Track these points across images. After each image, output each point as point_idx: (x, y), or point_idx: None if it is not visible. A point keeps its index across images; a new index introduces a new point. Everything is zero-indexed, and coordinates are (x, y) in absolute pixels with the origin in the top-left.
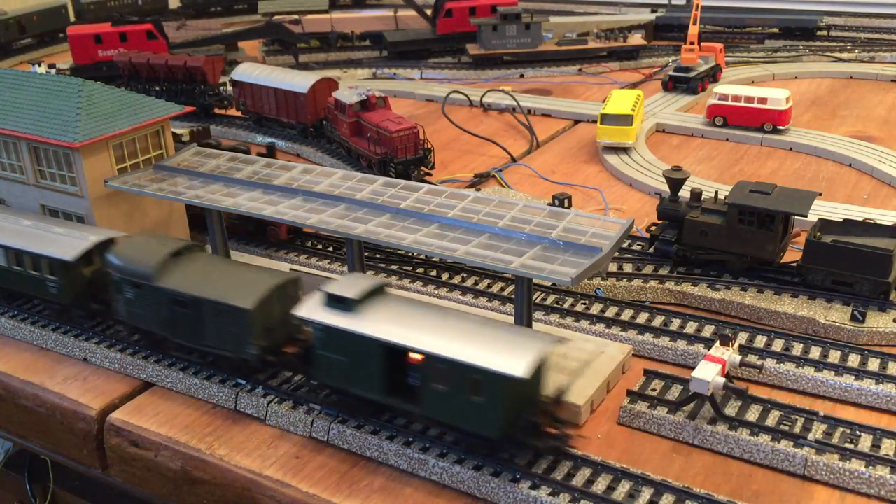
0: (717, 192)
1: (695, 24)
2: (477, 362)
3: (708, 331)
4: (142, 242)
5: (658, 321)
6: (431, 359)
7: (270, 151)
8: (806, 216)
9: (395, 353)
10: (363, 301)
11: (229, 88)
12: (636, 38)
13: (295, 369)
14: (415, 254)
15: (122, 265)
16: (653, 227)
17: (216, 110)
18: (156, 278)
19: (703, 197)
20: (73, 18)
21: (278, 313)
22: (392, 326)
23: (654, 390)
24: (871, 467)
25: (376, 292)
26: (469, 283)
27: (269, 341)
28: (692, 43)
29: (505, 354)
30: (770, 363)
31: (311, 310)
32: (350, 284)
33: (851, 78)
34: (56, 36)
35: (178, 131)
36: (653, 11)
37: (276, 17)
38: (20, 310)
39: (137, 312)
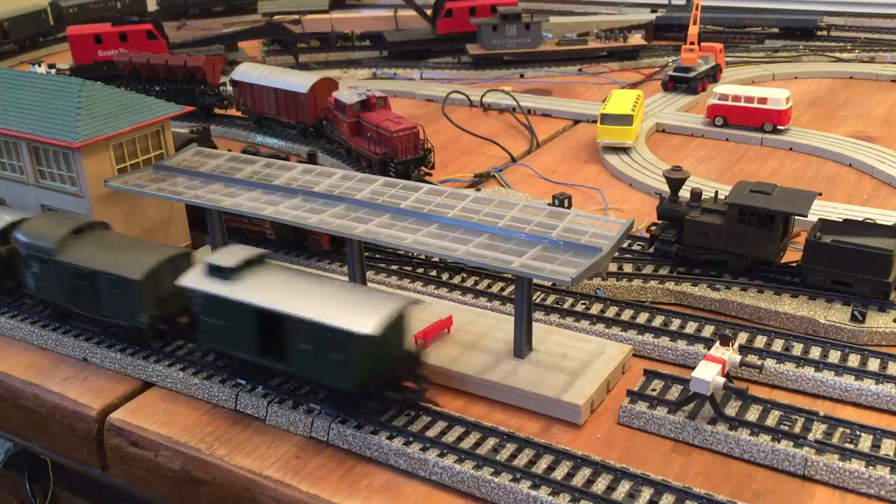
0: (717, 192)
1: (695, 24)
2: (332, 322)
3: (708, 331)
4: (47, 220)
5: (658, 321)
6: (295, 321)
7: (312, 159)
8: (806, 216)
9: (267, 317)
10: (240, 270)
11: (229, 88)
12: (636, 38)
13: (186, 337)
14: (415, 254)
15: (28, 241)
16: (653, 227)
17: (216, 110)
18: (57, 253)
19: (703, 197)
20: (52, 23)
21: (170, 285)
22: (263, 293)
23: (654, 390)
24: (871, 467)
25: (254, 262)
26: (469, 283)
27: (161, 311)
28: (692, 43)
29: (357, 315)
30: (770, 363)
31: (193, 279)
32: (229, 255)
33: (851, 78)
34: (37, 41)
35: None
36: (653, 11)
37: (276, 17)
38: (20, 310)
39: (43, 286)
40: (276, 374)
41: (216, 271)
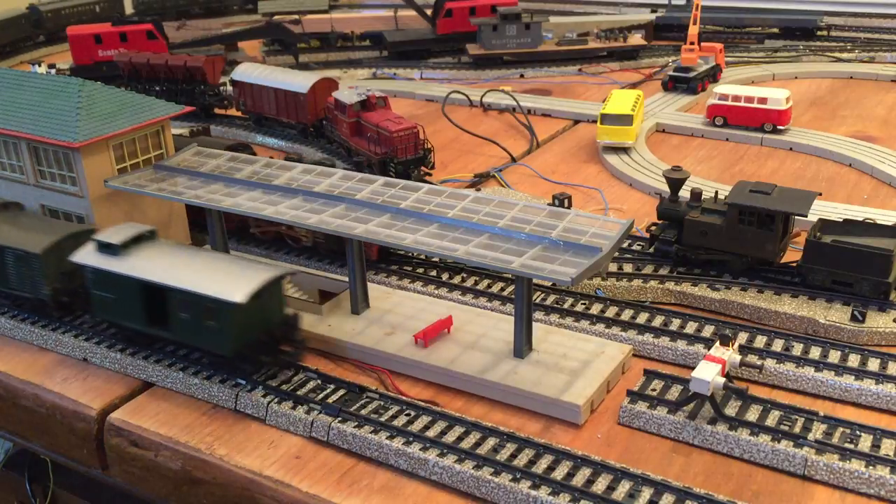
0: (717, 192)
1: (695, 24)
2: (207, 292)
3: (708, 331)
4: None
5: (658, 321)
6: (175, 292)
7: (359, 167)
8: (806, 216)
9: (151, 289)
10: (127, 246)
11: (229, 88)
12: (636, 38)
13: (86, 309)
14: (415, 254)
15: None
16: (653, 227)
17: (216, 110)
18: None
19: (703, 197)
20: (31, 28)
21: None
22: (148, 266)
23: (654, 390)
24: (871, 467)
25: (142, 239)
26: (469, 283)
27: (64, 285)
28: (692, 43)
29: (229, 285)
30: (770, 363)
31: (84, 255)
32: (118, 232)
33: (851, 78)
34: (18, 46)
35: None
36: (653, 11)
37: (276, 17)
38: (20, 310)
39: None
40: (162, 341)
41: (105, 247)
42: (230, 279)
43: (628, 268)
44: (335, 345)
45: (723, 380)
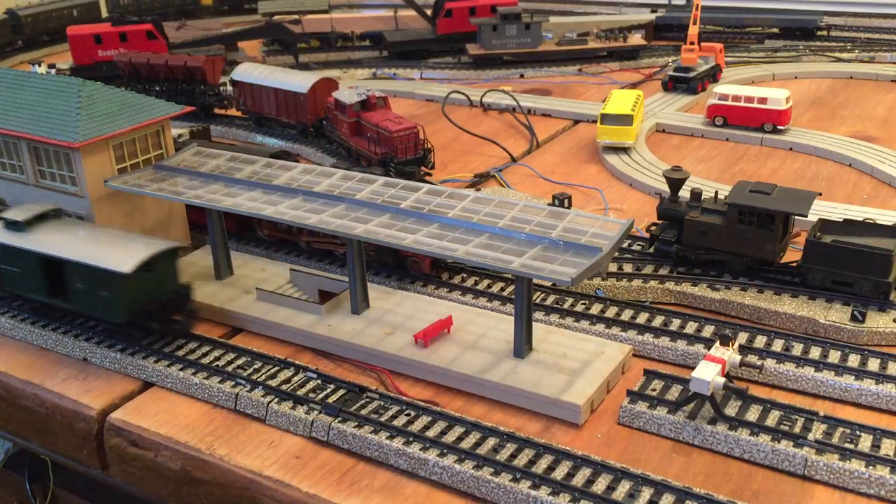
0: (717, 192)
1: (695, 24)
2: (98, 263)
3: (708, 331)
4: None
5: (658, 321)
6: (71, 264)
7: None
8: (806, 216)
9: (50, 262)
10: (31, 223)
11: (229, 88)
12: (636, 38)
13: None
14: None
15: None
16: (653, 227)
17: (216, 110)
18: None
19: (703, 197)
20: (10, 33)
21: None
22: (48, 241)
23: (654, 390)
24: (871, 467)
25: (47, 216)
26: (469, 283)
27: None
28: (692, 43)
29: (120, 257)
30: (770, 363)
31: None
32: (23, 210)
33: (851, 78)
34: (3, 50)
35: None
36: (653, 11)
37: (276, 17)
38: (20, 310)
39: None
40: (63, 311)
41: (11, 225)
42: (121, 252)
43: (628, 268)
44: (335, 345)
45: (723, 380)
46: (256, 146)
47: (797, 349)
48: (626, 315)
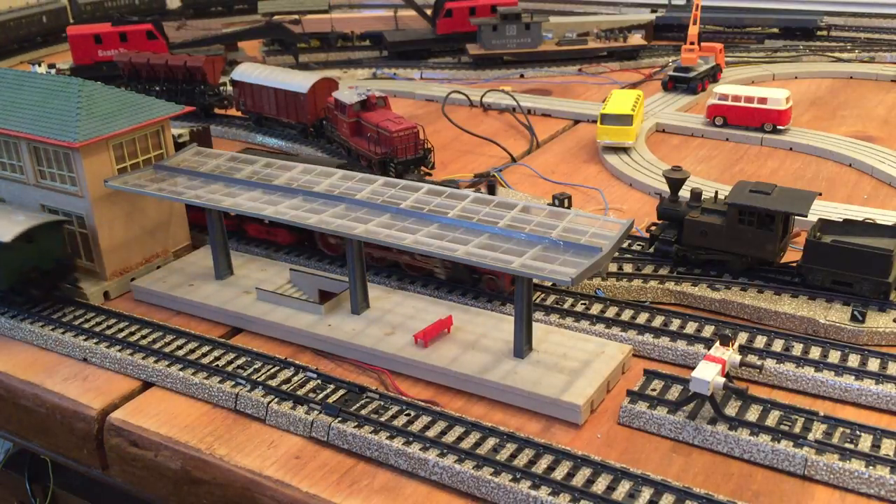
0: (717, 192)
1: (695, 24)
2: None
3: (708, 331)
4: None
5: (658, 321)
6: None
7: (492, 190)
8: (806, 216)
9: None
10: None
11: (229, 88)
12: (636, 38)
13: None
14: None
15: None
16: (653, 227)
17: (216, 110)
18: None
19: (703, 197)
20: None
21: None
22: None
23: (654, 390)
24: (871, 467)
25: None
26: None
27: None
28: (692, 43)
29: (1, 228)
30: (770, 363)
31: None
32: None
33: (851, 78)
34: None
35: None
36: (653, 11)
37: (276, 17)
38: (20, 310)
39: None
40: None
41: None
42: (3, 223)
43: (628, 268)
44: (335, 345)
45: (723, 380)
46: (326, 158)
47: (797, 349)
48: (626, 315)
